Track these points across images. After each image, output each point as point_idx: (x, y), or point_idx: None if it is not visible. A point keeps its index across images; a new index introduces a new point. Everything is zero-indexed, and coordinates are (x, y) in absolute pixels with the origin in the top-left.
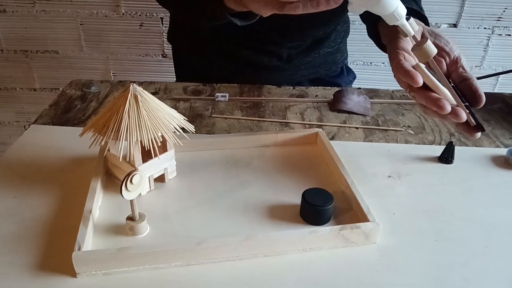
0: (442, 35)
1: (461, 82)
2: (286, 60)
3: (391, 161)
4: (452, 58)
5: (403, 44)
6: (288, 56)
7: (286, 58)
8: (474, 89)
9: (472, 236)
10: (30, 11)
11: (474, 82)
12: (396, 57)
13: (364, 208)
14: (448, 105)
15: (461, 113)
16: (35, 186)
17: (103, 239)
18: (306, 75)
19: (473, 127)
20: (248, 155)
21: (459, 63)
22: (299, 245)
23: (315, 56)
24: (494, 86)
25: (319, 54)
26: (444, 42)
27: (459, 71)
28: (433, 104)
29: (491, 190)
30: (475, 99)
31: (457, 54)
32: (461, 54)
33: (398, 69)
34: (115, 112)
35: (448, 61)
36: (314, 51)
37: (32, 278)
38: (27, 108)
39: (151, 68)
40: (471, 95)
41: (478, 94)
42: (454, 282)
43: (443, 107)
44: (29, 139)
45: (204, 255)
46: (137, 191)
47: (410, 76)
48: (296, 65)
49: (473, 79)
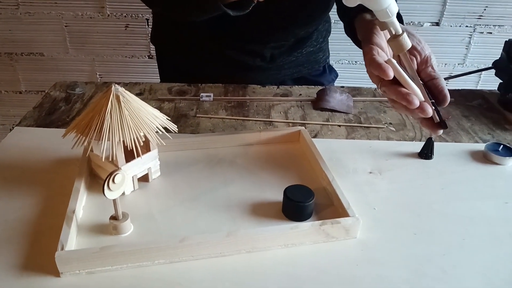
0: (415, 34)
1: (429, 81)
2: (269, 60)
3: (373, 157)
4: (422, 57)
5: (377, 40)
6: (271, 56)
7: (270, 58)
8: (440, 88)
9: (450, 228)
10: (14, 14)
11: (441, 81)
12: (369, 52)
13: (345, 204)
14: (416, 100)
15: (428, 109)
16: (19, 187)
17: (87, 238)
18: (289, 74)
19: (436, 124)
20: (232, 154)
21: (429, 62)
22: (281, 240)
23: (298, 56)
24: (476, 84)
25: (302, 54)
26: (416, 41)
27: (428, 70)
28: (402, 99)
29: (469, 184)
30: (440, 98)
31: (428, 54)
32: (431, 54)
33: (371, 63)
34: (97, 112)
35: (419, 60)
36: (297, 50)
37: (16, 278)
38: (12, 111)
39: (138, 69)
40: (437, 94)
41: (444, 94)
42: (432, 273)
43: (411, 102)
44: (13, 141)
45: (187, 252)
46: (119, 190)
47: (382, 69)
48: (279, 65)
49: (440, 78)
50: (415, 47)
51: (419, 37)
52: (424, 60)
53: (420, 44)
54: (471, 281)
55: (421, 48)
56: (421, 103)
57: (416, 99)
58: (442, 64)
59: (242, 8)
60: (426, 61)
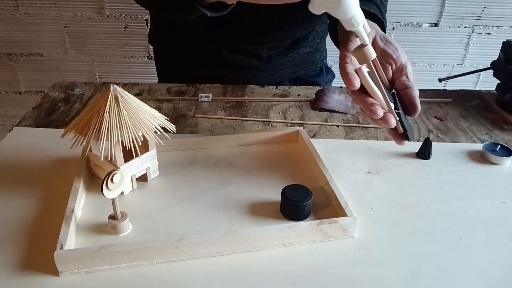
0: (393, 42)
1: (402, 90)
2: (266, 60)
3: (371, 157)
4: (398, 66)
5: (352, 47)
6: (267, 56)
7: (266, 58)
8: (412, 98)
9: (447, 228)
10: (13, 14)
11: (413, 91)
12: (343, 59)
13: (342, 203)
14: (380, 111)
15: (390, 120)
16: (18, 187)
17: (86, 238)
18: (286, 75)
19: (400, 135)
20: (230, 154)
21: (404, 71)
22: (279, 240)
23: (294, 56)
24: (475, 84)
25: (298, 54)
26: (393, 49)
27: (403, 79)
28: (367, 108)
29: (467, 184)
30: (411, 108)
31: (404, 62)
32: (408, 63)
33: (341, 70)
34: (96, 112)
35: (394, 68)
36: (293, 51)
37: (15, 277)
38: (12, 112)
39: (137, 70)
40: (409, 104)
41: (415, 104)
42: (430, 272)
43: (374, 112)
44: (12, 141)
45: (185, 252)
46: (118, 190)
47: (348, 79)
48: (275, 65)
49: (413, 88)
50: (391, 55)
51: (396, 45)
52: (399, 69)
53: (396, 52)
54: (468, 280)
55: (397, 56)
56: (384, 114)
57: (379, 110)
58: (441, 65)
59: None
60: (401, 69)
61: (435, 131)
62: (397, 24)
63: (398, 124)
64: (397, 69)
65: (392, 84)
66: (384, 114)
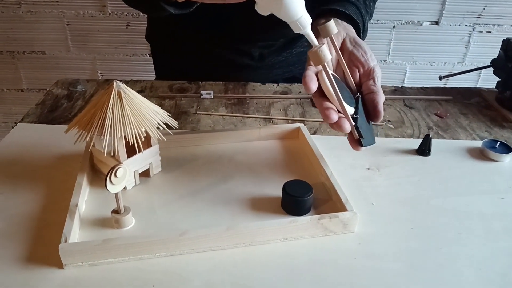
0: (363, 45)
1: (367, 94)
2: (258, 59)
3: (371, 154)
4: (365, 69)
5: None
6: (260, 55)
7: (258, 57)
8: (375, 104)
9: (447, 223)
10: (16, 12)
11: (378, 97)
12: (308, 61)
13: (343, 199)
14: (334, 115)
15: (345, 125)
16: (22, 183)
17: (89, 232)
18: (280, 74)
19: (356, 140)
20: (232, 150)
21: (371, 75)
22: (280, 234)
23: (287, 56)
24: (476, 82)
25: (292, 54)
26: (361, 52)
27: (369, 83)
28: (321, 112)
29: (466, 180)
30: (373, 113)
31: (372, 66)
32: (376, 67)
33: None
34: (99, 108)
35: (361, 71)
36: (287, 50)
37: (20, 270)
38: (14, 109)
39: (139, 67)
40: (371, 109)
41: (377, 110)
42: (429, 267)
43: (328, 117)
44: (16, 137)
45: (188, 246)
46: (121, 184)
47: (304, 81)
48: (269, 64)
49: (377, 93)
50: (359, 58)
51: (366, 48)
52: (366, 72)
53: (365, 55)
54: (467, 274)
55: (365, 59)
56: (339, 119)
57: (334, 115)
58: (441, 63)
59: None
60: (368, 73)
61: (435, 128)
62: (398, 22)
63: (353, 129)
64: (364, 72)
65: (359, 88)
66: (339, 119)
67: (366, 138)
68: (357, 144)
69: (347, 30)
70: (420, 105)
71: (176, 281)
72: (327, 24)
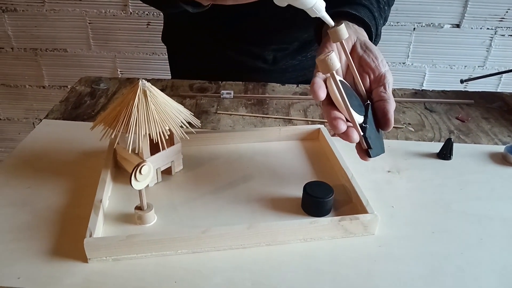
0: (374, 50)
1: (377, 102)
2: (271, 62)
3: (391, 157)
4: (376, 75)
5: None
6: (273, 59)
7: (272, 60)
8: (385, 112)
9: (468, 228)
10: (39, 10)
11: (388, 105)
12: (316, 68)
13: (363, 201)
14: (342, 126)
15: (353, 135)
16: (48, 177)
17: (113, 227)
18: (294, 78)
19: (364, 150)
20: (252, 150)
21: (382, 81)
22: (300, 234)
23: (302, 59)
24: (496, 86)
25: (307, 58)
26: (372, 57)
27: (379, 90)
28: (329, 122)
29: (488, 185)
30: (383, 121)
31: (383, 72)
32: (388, 73)
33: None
34: (125, 106)
35: (372, 78)
36: (301, 54)
37: (46, 263)
38: (36, 105)
39: (158, 66)
40: (381, 117)
41: (387, 118)
42: (450, 271)
43: (336, 127)
44: (41, 133)
45: (209, 243)
46: (145, 181)
47: (312, 89)
48: (282, 68)
49: (387, 101)
50: (369, 64)
51: (377, 53)
52: (377, 79)
53: (376, 61)
54: (488, 280)
55: (375, 65)
56: (347, 129)
57: (342, 125)
58: (462, 66)
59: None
60: (379, 80)
61: (457, 132)
62: (418, 24)
63: (362, 139)
64: (375, 79)
65: (369, 95)
66: (347, 128)
67: (375, 148)
68: (364, 155)
69: (358, 33)
70: (441, 108)
71: (197, 278)
72: (337, 29)
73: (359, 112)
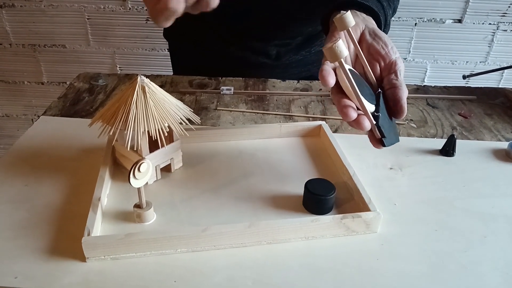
0: (383, 37)
1: (388, 89)
2: (275, 58)
3: (393, 153)
4: (386, 63)
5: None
6: (276, 54)
7: (275, 56)
8: (397, 99)
9: (471, 225)
10: (38, 6)
11: (400, 91)
12: (324, 58)
13: (366, 198)
14: (352, 113)
15: (364, 123)
16: (45, 174)
17: (111, 225)
18: (297, 73)
19: (377, 139)
20: (252, 147)
21: (393, 68)
22: (302, 233)
23: (306, 55)
24: (498, 82)
25: (310, 53)
26: (381, 44)
27: (391, 77)
28: (340, 110)
29: (491, 182)
30: (395, 109)
31: (394, 59)
32: (398, 59)
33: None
34: (123, 103)
35: (382, 65)
36: (305, 49)
37: (44, 262)
38: (34, 102)
39: (157, 62)
40: (393, 105)
41: (400, 105)
42: (452, 269)
43: (346, 115)
44: (39, 130)
45: (209, 242)
46: (144, 179)
47: (321, 76)
48: (285, 63)
49: (399, 88)
50: (379, 51)
51: (386, 40)
52: (387, 66)
53: (386, 48)
54: (491, 277)
55: (385, 52)
56: (358, 117)
57: (352, 112)
58: (463, 62)
59: None
60: (390, 67)
61: (459, 128)
62: (419, 19)
63: (375, 128)
64: (385, 66)
65: (380, 83)
66: (358, 116)
67: (389, 137)
68: (378, 143)
69: (366, 21)
70: (443, 104)
71: (197, 277)
72: (343, 16)
73: (371, 101)
